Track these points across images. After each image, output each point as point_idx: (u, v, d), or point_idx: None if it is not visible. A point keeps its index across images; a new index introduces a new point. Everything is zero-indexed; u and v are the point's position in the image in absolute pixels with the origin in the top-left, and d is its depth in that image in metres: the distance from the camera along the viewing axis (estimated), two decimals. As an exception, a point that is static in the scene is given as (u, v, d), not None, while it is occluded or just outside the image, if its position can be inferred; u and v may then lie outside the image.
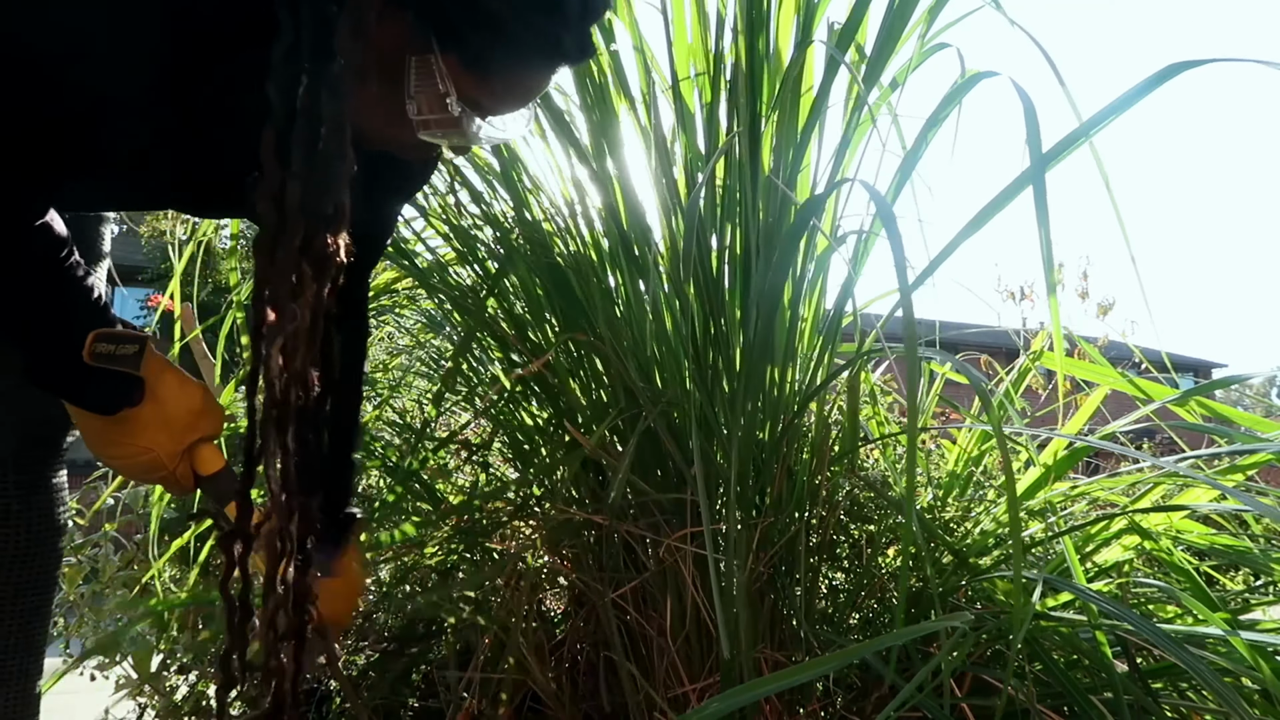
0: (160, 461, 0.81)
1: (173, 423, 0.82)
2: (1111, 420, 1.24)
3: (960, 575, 1.11)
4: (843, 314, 1.14)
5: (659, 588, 1.12)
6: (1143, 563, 1.27)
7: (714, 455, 1.11)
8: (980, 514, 1.29)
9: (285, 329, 0.60)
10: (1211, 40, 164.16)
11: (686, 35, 1.18)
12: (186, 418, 0.83)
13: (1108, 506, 1.34)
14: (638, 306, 1.20)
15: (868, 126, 1.11)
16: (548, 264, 1.25)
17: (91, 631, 1.55)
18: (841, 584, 1.23)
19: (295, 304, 0.60)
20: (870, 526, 1.21)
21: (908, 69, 1.10)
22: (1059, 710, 0.93)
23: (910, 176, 1.06)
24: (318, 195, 0.61)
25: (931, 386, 1.49)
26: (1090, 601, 0.90)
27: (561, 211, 1.29)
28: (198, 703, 1.42)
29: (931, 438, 1.60)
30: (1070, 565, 1.00)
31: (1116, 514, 1.16)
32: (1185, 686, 1.02)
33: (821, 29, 1.09)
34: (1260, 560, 1.16)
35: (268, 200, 0.59)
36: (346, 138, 0.62)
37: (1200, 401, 1.11)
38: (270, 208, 0.59)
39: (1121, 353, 2.26)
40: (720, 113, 1.14)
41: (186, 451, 0.83)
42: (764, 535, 1.06)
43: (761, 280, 1.02)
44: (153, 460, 0.81)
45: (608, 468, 1.20)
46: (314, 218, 0.61)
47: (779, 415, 1.13)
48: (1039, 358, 1.46)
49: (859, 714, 1.04)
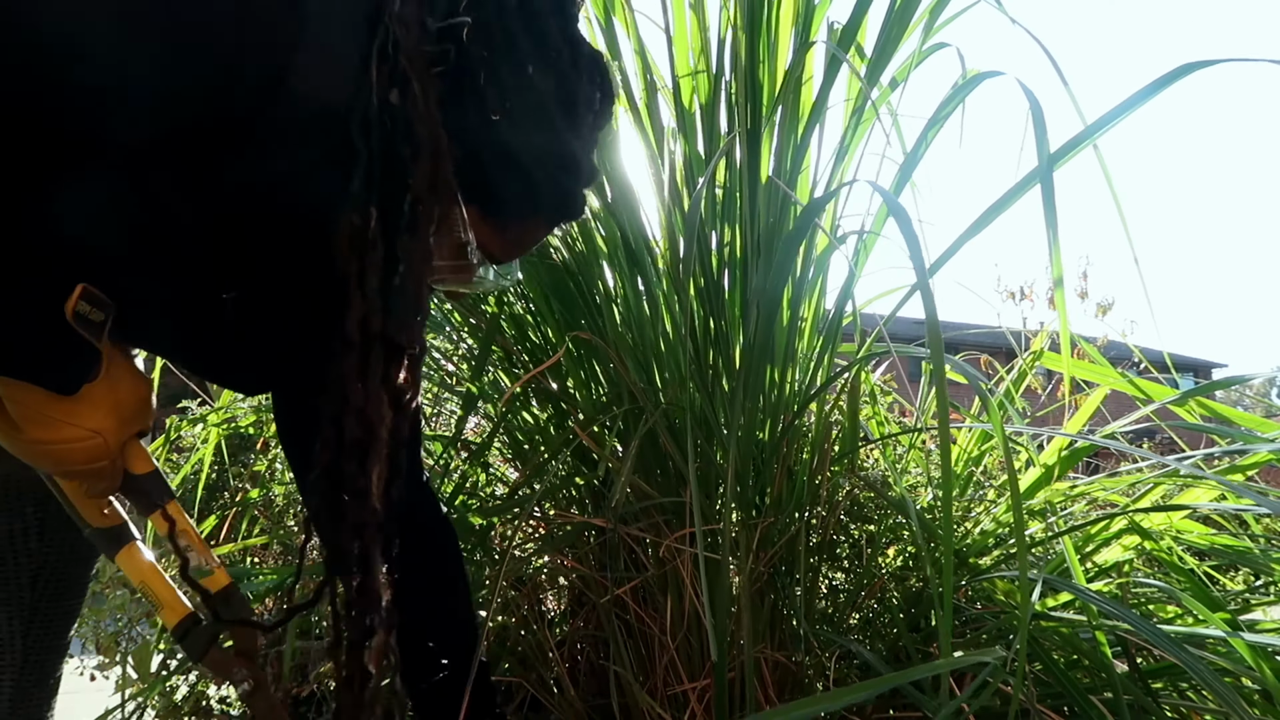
0: (107, 448, 0.73)
1: (123, 407, 0.74)
2: (1112, 420, 1.24)
3: (960, 575, 1.11)
4: (843, 314, 1.14)
5: (659, 587, 1.12)
6: (1143, 563, 1.27)
7: (714, 455, 1.11)
8: (980, 514, 1.29)
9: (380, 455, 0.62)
10: (1212, 40, 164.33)
11: (686, 35, 1.18)
12: (136, 404, 0.76)
13: (1108, 506, 1.34)
14: (637, 306, 1.20)
15: (868, 127, 1.11)
16: (548, 264, 1.25)
17: (91, 631, 1.55)
18: (841, 584, 1.23)
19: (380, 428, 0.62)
20: (870, 526, 1.21)
21: (908, 68, 1.10)
22: (1059, 710, 0.93)
23: (910, 177, 1.06)
24: (399, 327, 0.63)
25: (931, 387, 1.49)
26: (1090, 601, 0.90)
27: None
28: (198, 703, 1.42)
29: (931, 437, 1.60)
30: (1070, 565, 1.00)
31: (1116, 514, 1.16)
32: (1185, 686, 1.02)
33: (822, 30, 1.09)
34: (1260, 560, 1.16)
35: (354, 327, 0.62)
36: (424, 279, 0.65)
37: (1200, 401, 1.11)
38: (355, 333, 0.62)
39: (1121, 353, 2.26)
40: (720, 113, 1.14)
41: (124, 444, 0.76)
42: (764, 535, 1.06)
43: (761, 281, 1.03)
44: (98, 447, 0.73)
45: (608, 467, 1.20)
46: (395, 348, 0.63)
47: (779, 415, 1.13)
48: (1039, 357, 1.46)
49: (858, 714, 1.04)
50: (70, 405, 0.71)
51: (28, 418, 0.70)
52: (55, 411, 0.70)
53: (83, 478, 0.77)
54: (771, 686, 1.04)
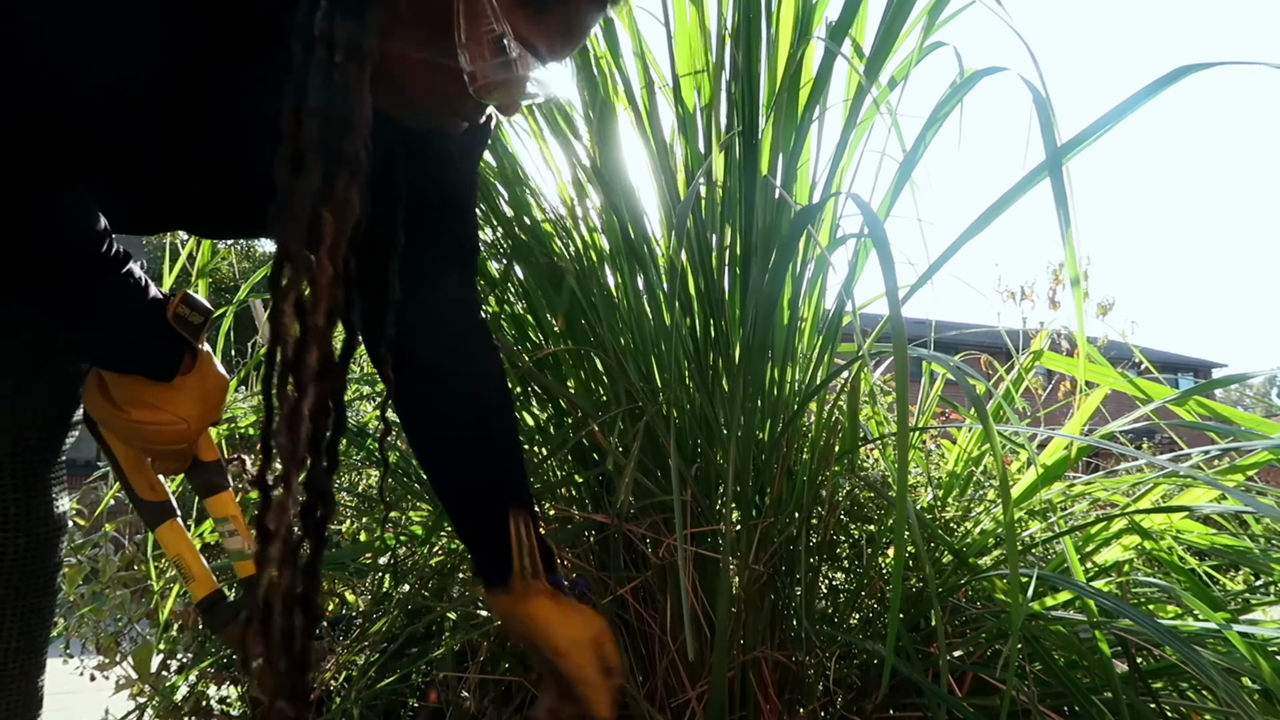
0: (188, 434, 0.82)
1: (209, 398, 0.83)
2: (1111, 420, 1.24)
3: (960, 575, 1.11)
4: (842, 314, 1.14)
5: (659, 587, 1.12)
6: (1143, 563, 1.27)
7: (714, 455, 1.11)
8: (980, 514, 1.29)
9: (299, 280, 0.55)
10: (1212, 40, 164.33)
11: (686, 34, 1.18)
12: (219, 396, 0.85)
13: (1108, 506, 1.34)
14: (637, 306, 1.20)
15: (867, 126, 1.11)
16: (548, 264, 1.25)
17: (91, 632, 1.55)
18: (841, 584, 1.23)
19: (313, 253, 0.55)
20: (870, 526, 1.21)
21: (907, 66, 1.10)
22: (1059, 710, 0.93)
23: (910, 176, 1.06)
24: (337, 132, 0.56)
25: (932, 387, 1.49)
26: (1090, 598, 0.90)
27: (560, 211, 1.30)
28: (198, 703, 1.42)
29: (931, 438, 1.61)
30: (1070, 565, 1.00)
31: (1116, 514, 1.16)
32: (1185, 686, 1.02)
33: (821, 29, 1.09)
34: (1260, 560, 1.16)
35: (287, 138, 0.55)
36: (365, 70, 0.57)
37: (1200, 401, 1.11)
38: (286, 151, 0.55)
39: (1121, 353, 2.26)
40: (720, 113, 1.14)
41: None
42: (764, 535, 1.06)
43: (759, 281, 1.02)
44: (183, 431, 0.81)
45: (609, 467, 1.20)
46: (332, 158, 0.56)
47: (779, 415, 1.13)
48: (1039, 357, 1.46)
49: (859, 714, 1.04)
50: (167, 393, 0.80)
51: (130, 400, 0.79)
52: (153, 397, 0.79)
53: (160, 457, 0.85)
54: (772, 686, 1.04)
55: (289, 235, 0.55)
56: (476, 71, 0.64)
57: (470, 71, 0.64)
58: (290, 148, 0.56)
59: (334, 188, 0.56)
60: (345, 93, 0.57)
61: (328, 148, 0.56)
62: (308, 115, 0.56)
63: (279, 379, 0.56)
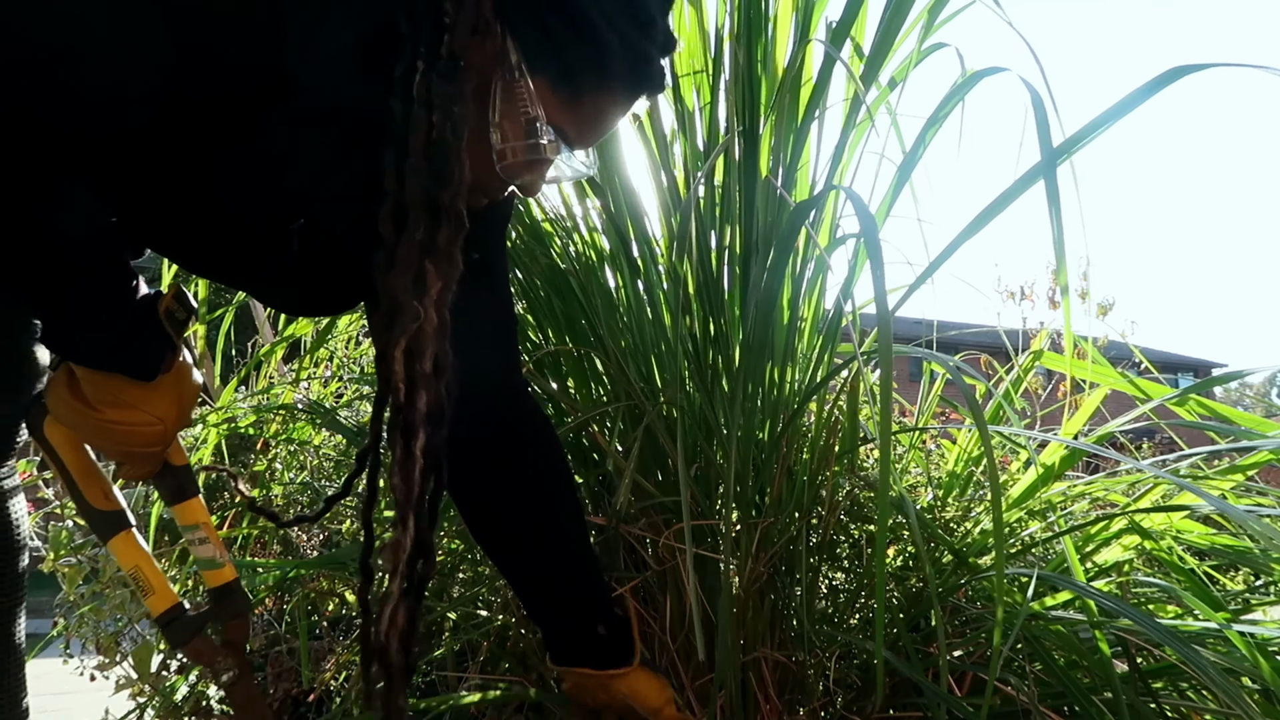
0: (164, 435, 0.79)
1: (184, 399, 0.80)
2: (1111, 420, 1.24)
3: (960, 575, 1.11)
4: (842, 313, 1.14)
5: (659, 587, 1.12)
6: (1143, 563, 1.27)
7: (714, 455, 1.11)
8: (981, 514, 1.29)
9: (408, 328, 0.58)
10: (1212, 40, 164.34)
11: (685, 34, 1.18)
12: (193, 398, 0.82)
13: (1108, 506, 1.34)
14: (637, 306, 1.20)
15: (867, 125, 1.11)
16: (547, 264, 1.25)
17: (91, 632, 1.54)
18: (841, 584, 1.23)
19: (419, 303, 0.58)
20: (870, 526, 1.21)
21: (907, 66, 1.10)
22: (1059, 710, 0.93)
23: (909, 177, 1.06)
24: (437, 187, 0.59)
25: (932, 387, 1.49)
26: (1090, 598, 0.90)
27: (560, 211, 1.30)
28: (198, 703, 1.42)
29: (931, 438, 1.60)
30: (1070, 565, 1.00)
31: (1116, 514, 1.16)
32: (1185, 686, 1.02)
33: (820, 30, 1.09)
34: (1260, 560, 1.16)
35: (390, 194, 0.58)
36: (463, 130, 0.60)
37: (1200, 401, 1.11)
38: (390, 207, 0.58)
39: (1121, 353, 2.26)
40: (720, 113, 1.14)
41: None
42: (764, 535, 1.06)
43: (759, 280, 1.02)
44: (159, 433, 0.78)
45: (610, 467, 1.20)
46: (434, 213, 0.58)
47: (778, 415, 1.13)
48: (1039, 358, 1.46)
49: (859, 714, 1.04)
50: (144, 392, 0.76)
51: (104, 400, 0.75)
52: (129, 397, 0.76)
53: (132, 460, 0.82)
54: (772, 686, 1.04)
55: (397, 286, 0.58)
56: (506, 150, 0.67)
57: (500, 149, 0.67)
58: (393, 203, 0.59)
59: (437, 241, 0.59)
60: (445, 151, 0.59)
61: (431, 203, 0.59)
62: (410, 172, 0.58)
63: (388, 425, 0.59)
